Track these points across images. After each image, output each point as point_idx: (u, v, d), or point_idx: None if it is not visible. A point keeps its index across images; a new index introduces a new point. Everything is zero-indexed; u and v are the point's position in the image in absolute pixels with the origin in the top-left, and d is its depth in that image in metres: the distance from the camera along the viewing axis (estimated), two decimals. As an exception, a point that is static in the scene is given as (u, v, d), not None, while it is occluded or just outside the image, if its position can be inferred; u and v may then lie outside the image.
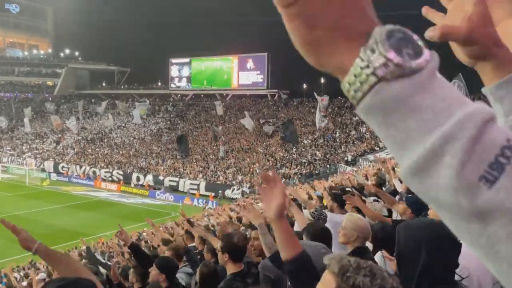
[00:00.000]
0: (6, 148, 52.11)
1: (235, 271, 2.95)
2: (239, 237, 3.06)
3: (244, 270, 2.95)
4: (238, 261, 2.98)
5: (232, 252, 2.96)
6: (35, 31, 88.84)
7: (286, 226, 1.73)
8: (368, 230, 2.85)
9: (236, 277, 2.90)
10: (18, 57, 79.80)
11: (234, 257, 2.97)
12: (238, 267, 2.97)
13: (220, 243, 3.07)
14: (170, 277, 3.38)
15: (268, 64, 52.03)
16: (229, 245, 2.98)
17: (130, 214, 29.28)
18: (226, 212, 15.02)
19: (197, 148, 42.81)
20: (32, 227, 25.25)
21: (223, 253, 3.00)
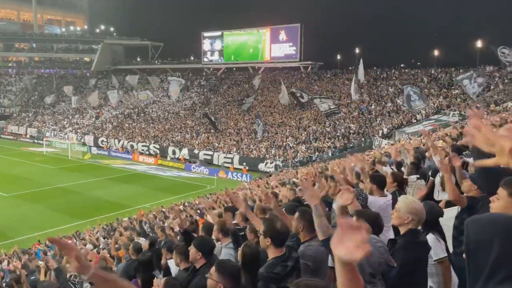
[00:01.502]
0: (49, 123, 54.40)
1: (276, 255, 2.98)
2: (281, 223, 3.09)
3: (286, 255, 2.98)
4: (280, 246, 3.02)
5: (274, 237, 2.99)
6: (71, 7, 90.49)
7: (354, 273, 1.37)
8: (423, 213, 2.79)
9: (278, 261, 2.94)
10: (56, 34, 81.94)
11: (276, 242, 3.00)
12: (280, 251, 3.00)
13: (262, 227, 3.11)
14: (206, 255, 3.48)
15: (301, 36, 50.90)
16: (271, 230, 3.00)
17: (167, 187, 30.17)
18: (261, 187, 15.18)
19: (230, 122, 43.09)
20: (75, 199, 26.59)
21: (265, 237, 3.03)
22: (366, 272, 2.12)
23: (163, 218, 14.52)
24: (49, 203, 25.38)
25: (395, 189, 4.34)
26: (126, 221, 16.35)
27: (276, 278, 2.88)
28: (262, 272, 2.95)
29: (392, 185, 4.38)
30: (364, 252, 1.28)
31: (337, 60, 59.33)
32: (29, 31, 78.87)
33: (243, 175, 32.32)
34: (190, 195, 25.98)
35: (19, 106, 64.14)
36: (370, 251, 1.28)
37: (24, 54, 74.23)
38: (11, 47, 73.74)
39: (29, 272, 7.54)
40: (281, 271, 2.89)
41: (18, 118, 59.17)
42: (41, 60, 74.20)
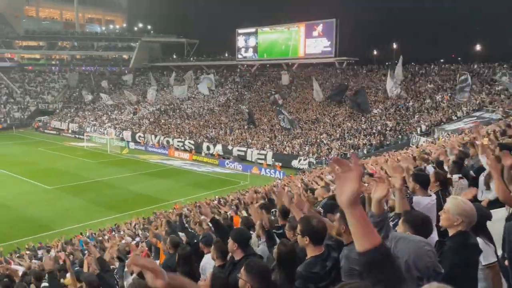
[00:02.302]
0: (89, 119, 56.39)
1: (315, 254, 2.94)
2: (318, 220, 3.04)
3: (325, 254, 2.92)
4: (319, 244, 2.97)
5: (311, 235, 2.93)
6: (111, 6, 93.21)
7: (360, 214, 1.50)
8: (474, 215, 2.64)
9: (316, 260, 2.89)
10: (96, 32, 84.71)
11: (314, 240, 2.94)
12: (319, 250, 2.94)
13: (299, 226, 3.07)
14: (242, 247, 3.49)
15: (336, 31, 50.12)
16: (308, 228, 2.95)
17: (202, 182, 30.59)
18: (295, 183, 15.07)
19: (263, 118, 43.11)
20: (114, 192, 27.44)
21: (302, 236, 2.97)
22: (413, 276, 2.04)
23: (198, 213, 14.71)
24: (89, 196, 26.33)
25: (438, 189, 4.18)
26: (163, 214, 16.70)
27: (315, 278, 2.83)
28: (300, 271, 2.91)
29: (435, 185, 4.23)
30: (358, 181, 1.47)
31: (373, 56, 58.14)
32: (71, 30, 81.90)
33: (276, 172, 32.31)
34: (224, 191, 26.22)
35: (61, 102, 66.87)
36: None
37: (66, 52, 77.17)
38: (54, 45, 76.86)
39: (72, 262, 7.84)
40: (320, 271, 2.84)
41: (61, 114, 61.69)
42: (82, 58, 76.92)
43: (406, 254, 2.09)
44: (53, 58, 77.27)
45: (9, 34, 74.22)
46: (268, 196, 8.85)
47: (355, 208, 1.51)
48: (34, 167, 34.29)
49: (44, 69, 74.84)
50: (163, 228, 7.27)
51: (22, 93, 67.56)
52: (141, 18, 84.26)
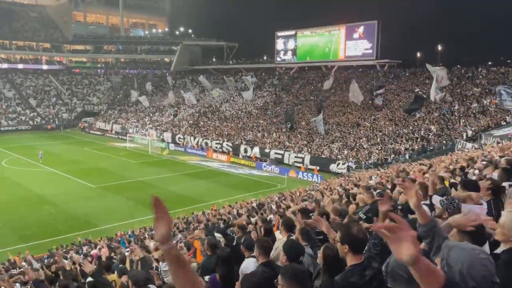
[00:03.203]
0: (132, 120, 58.23)
1: (354, 263, 2.85)
2: (358, 228, 2.95)
3: (364, 263, 2.83)
4: (358, 253, 2.89)
5: (351, 244, 2.85)
6: (154, 11, 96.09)
7: (424, 267, 1.58)
8: None
9: (354, 269, 2.81)
10: (140, 36, 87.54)
11: (354, 248, 2.85)
12: (358, 259, 2.85)
13: (339, 234, 2.99)
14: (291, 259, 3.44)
15: (378, 33, 49.08)
16: (348, 236, 2.87)
17: (239, 184, 30.79)
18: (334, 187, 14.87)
19: (301, 121, 42.85)
20: (155, 192, 27.79)
21: (342, 244, 2.90)
22: (468, 286, 1.94)
23: (236, 215, 14.81)
24: (130, 195, 27.13)
25: (490, 198, 3.97)
26: (201, 215, 16.94)
27: (352, 287, 2.76)
28: (337, 280, 2.83)
29: (487, 193, 4.01)
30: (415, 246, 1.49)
31: (417, 58, 56.50)
32: (116, 34, 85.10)
33: (314, 176, 31.98)
34: (261, 193, 26.25)
35: (106, 104, 69.51)
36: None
37: (111, 56, 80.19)
38: (100, 49, 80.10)
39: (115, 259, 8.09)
40: (358, 280, 2.75)
41: (105, 115, 64.09)
42: (126, 61, 79.67)
43: (459, 263, 1.99)
44: (99, 62, 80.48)
45: (59, 38, 78.11)
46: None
47: (418, 266, 1.56)
48: (80, 166, 35.79)
49: (90, 72, 78.12)
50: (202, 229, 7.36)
51: (69, 95, 70.81)
52: (182, 22, 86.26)
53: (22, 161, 37.43)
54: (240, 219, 10.15)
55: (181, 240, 9.47)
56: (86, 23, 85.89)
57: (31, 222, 21.66)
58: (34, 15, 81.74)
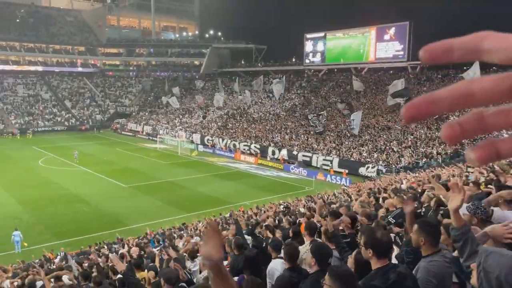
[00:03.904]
0: (162, 122, 59.34)
1: (377, 267, 2.82)
2: (383, 232, 2.92)
3: (388, 266, 2.80)
4: (383, 257, 2.85)
5: (375, 248, 2.83)
6: (184, 14, 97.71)
7: None
8: None
9: (378, 272, 2.78)
10: (170, 39, 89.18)
11: (378, 253, 2.83)
12: (382, 262, 2.83)
13: (363, 238, 2.97)
14: (320, 262, 3.44)
15: (409, 34, 48.08)
16: (372, 240, 2.85)
17: (267, 186, 30.82)
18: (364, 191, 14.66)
19: (330, 124, 42.47)
20: (183, 193, 28.55)
21: (366, 248, 2.88)
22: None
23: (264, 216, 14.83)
24: (160, 195, 27.65)
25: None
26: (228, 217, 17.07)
27: None
28: (360, 284, 2.83)
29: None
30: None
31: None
32: (148, 37, 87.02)
33: (342, 179, 31.62)
34: (288, 195, 26.19)
35: (137, 105, 71.14)
36: None
37: (143, 59, 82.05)
38: (132, 52, 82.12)
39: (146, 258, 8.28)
40: (381, 284, 2.72)
41: (137, 117, 65.58)
42: (157, 64, 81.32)
43: (497, 269, 1.95)
44: (131, 64, 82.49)
45: (93, 42, 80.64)
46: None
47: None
48: (112, 166, 36.76)
49: (123, 74, 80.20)
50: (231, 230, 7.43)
51: (103, 97, 72.90)
52: (212, 25, 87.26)
53: (57, 161, 38.79)
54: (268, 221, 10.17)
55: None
56: (119, 27, 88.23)
57: (66, 220, 22.42)
58: (70, 20, 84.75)
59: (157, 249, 10.68)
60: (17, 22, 75.90)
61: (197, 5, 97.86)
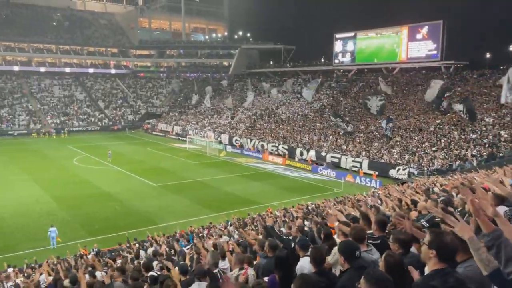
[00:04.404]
0: (191, 122, 60.15)
1: (437, 268, 2.77)
2: (452, 238, 2.85)
3: (448, 270, 2.73)
4: (444, 262, 2.77)
5: (440, 250, 2.77)
6: (214, 16, 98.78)
7: None
8: None
9: (438, 273, 2.72)
10: (200, 40, 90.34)
11: (441, 256, 2.76)
12: (442, 265, 2.77)
13: (428, 237, 2.89)
14: (349, 260, 3.42)
15: (443, 33, 46.73)
16: (439, 242, 2.79)
17: (295, 187, 30.69)
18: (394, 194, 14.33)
19: (360, 125, 41.86)
20: (211, 192, 28.82)
21: (429, 248, 2.82)
22: None
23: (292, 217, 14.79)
24: (189, 194, 28.03)
25: None
26: (256, 217, 17.09)
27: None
28: (417, 283, 2.78)
29: None
30: None
31: (486, 59, 53.05)
32: (178, 39, 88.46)
33: (372, 181, 31.10)
34: (316, 197, 26.00)
35: (168, 106, 72.40)
36: None
37: (173, 60, 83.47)
38: (163, 54, 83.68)
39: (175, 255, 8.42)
40: (440, 285, 2.66)
41: (167, 117, 66.75)
42: (187, 65, 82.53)
43: None
44: (162, 66, 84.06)
45: (125, 44, 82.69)
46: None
47: None
48: (143, 166, 37.56)
49: (154, 75, 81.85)
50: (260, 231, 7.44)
51: (134, 98, 74.62)
52: (241, 26, 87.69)
53: (91, 160, 39.98)
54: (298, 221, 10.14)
55: (238, 240, 9.64)
56: (151, 29, 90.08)
57: (98, 217, 23.08)
58: (103, 22, 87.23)
59: (187, 247, 10.83)
60: (54, 25, 78.80)
61: (226, 7, 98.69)
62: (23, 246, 18.60)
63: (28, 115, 61.66)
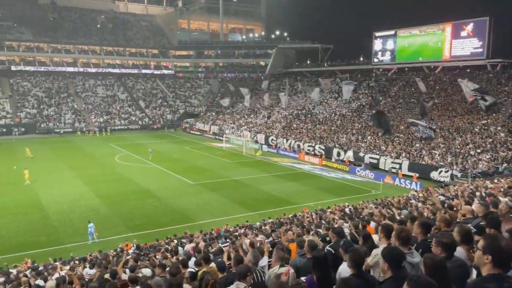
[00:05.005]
0: (228, 122, 60.75)
1: (492, 273, 2.68)
2: (507, 243, 2.72)
3: (503, 275, 2.64)
4: (499, 267, 2.68)
5: (496, 256, 2.67)
6: (251, 16, 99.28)
7: None
8: None
9: (494, 277, 2.64)
10: (237, 41, 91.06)
11: (497, 261, 2.67)
12: (497, 271, 2.68)
13: (482, 242, 2.79)
14: (394, 268, 3.31)
15: (489, 30, 44.66)
16: (495, 247, 2.70)
17: (331, 188, 30.31)
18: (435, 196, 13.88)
19: (400, 125, 40.74)
20: (247, 191, 28.98)
21: (484, 253, 2.72)
22: None
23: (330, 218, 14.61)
24: (225, 193, 28.30)
25: None
26: (291, 218, 17.03)
27: None
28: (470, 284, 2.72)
29: None
30: None
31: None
32: (216, 39, 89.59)
33: (412, 183, 30.21)
34: (354, 198, 25.59)
35: (205, 106, 73.49)
36: None
37: (211, 60, 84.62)
38: (201, 54, 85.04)
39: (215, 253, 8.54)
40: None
41: (204, 117, 67.77)
42: (224, 65, 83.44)
43: None
44: (200, 66, 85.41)
45: (165, 45, 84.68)
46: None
47: None
48: (181, 164, 38.30)
49: (192, 75, 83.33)
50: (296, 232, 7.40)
51: (173, 97, 76.26)
52: (278, 26, 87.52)
53: (132, 158, 41.21)
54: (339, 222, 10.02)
55: (274, 240, 9.64)
56: (190, 30, 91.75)
57: (138, 213, 23.75)
58: (145, 24, 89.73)
59: (224, 245, 10.95)
60: (98, 28, 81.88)
61: (263, 6, 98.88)
62: (68, 240, 19.43)
63: (74, 114, 64.38)
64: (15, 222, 21.80)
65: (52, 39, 73.90)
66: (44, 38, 73.49)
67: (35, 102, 64.13)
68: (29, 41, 72.29)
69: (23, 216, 22.79)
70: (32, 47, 72.31)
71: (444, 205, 9.94)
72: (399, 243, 3.99)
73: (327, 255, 4.09)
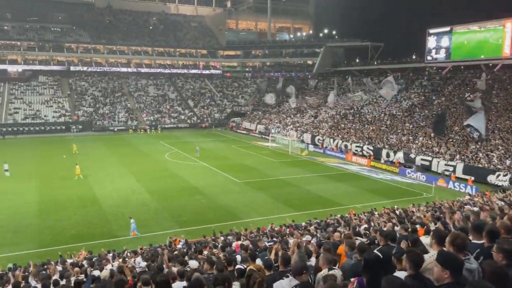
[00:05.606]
0: (274, 121, 60.81)
1: None
2: None
3: None
4: None
5: None
6: (299, 14, 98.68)
7: None
8: None
9: None
10: (285, 40, 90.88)
11: None
12: None
13: None
14: (454, 274, 3.14)
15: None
16: None
17: (380, 190, 29.50)
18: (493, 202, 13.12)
19: (454, 126, 38.88)
20: (292, 191, 28.87)
21: None
22: None
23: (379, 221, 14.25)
24: (270, 192, 28.37)
25: None
26: (338, 219, 16.76)
27: None
28: None
29: None
30: None
31: None
32: (263, 39, 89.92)
33: (467, 186, 28.74)
34: (404, 201, 24.78)
35: (252, 105, 74.01)
36: None
37: (258, 60, 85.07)
38: (249, 54, 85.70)
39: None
40: None
41: (251, 116, 68.28)
42: (271, 65, 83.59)
43: None
44: (247, 65, 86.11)
45: (214, 45, 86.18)
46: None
47: None
48: (228, 162, 38.84)
49: (239, 75, 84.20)
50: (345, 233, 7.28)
51: (221, 97, 77.48)
52: (326, 24, 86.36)
53: (181, 155, 42.34)
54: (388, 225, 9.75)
55: (320, 240, 9.54)
56: (238, 30, 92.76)
57: (186, 209, 24.38)
58: (194, 25, 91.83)
59: (270, 244, 10.99)
60: (150, 29, 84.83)
61: (312, 5, 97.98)
62: (121, 233, 20.31)
63: (127, 113, 67.14)
64: (75, 214, 23.11)
65: (108, 40, 77.50)
66: (101, 40, 77.25)
67: (92, 101, 67.54)
68: (87, 43, 76.23)
69: (81, 209, 24.11)
70: (90, 49, 76.19)
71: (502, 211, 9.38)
72: (454, 249, 3.82)
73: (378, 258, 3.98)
